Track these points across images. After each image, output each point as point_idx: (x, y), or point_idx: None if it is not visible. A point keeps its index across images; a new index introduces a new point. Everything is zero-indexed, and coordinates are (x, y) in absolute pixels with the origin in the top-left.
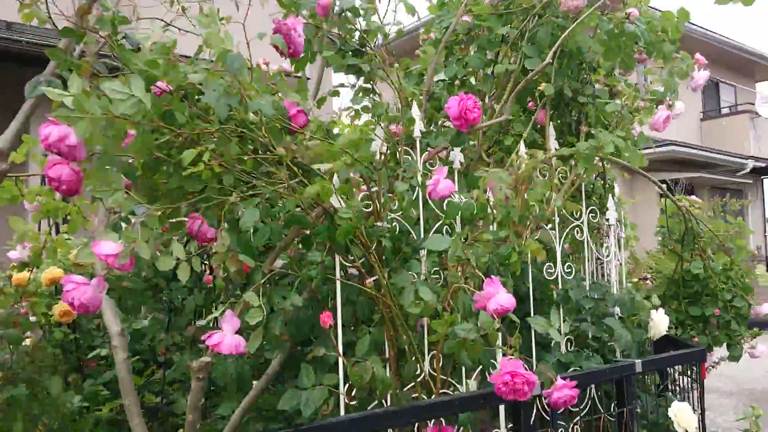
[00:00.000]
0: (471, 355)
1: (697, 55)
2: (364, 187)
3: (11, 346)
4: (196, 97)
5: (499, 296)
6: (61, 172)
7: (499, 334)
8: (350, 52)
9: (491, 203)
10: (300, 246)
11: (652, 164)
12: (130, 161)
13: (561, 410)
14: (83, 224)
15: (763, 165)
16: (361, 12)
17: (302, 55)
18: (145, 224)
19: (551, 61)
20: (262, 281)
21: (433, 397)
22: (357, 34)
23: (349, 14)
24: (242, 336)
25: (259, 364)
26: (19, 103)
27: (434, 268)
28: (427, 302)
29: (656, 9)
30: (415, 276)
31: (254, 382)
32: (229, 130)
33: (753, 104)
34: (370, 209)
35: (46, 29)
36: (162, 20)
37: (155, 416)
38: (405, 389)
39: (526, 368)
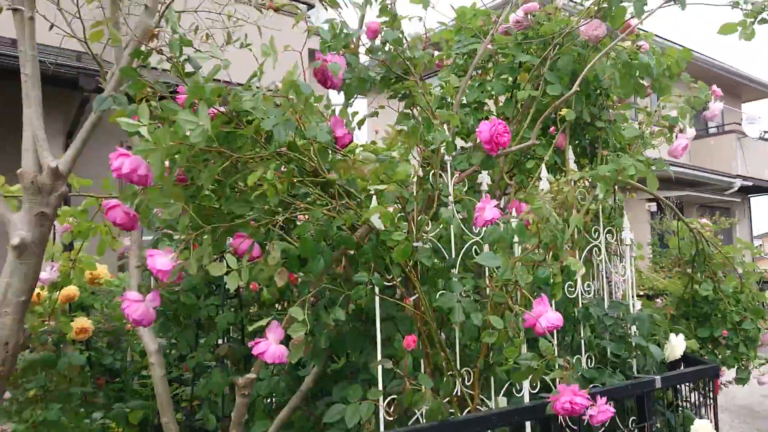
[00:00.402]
0: (533, 380)
1: (714, 87)
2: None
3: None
4: (246, 120)
5: (548, 314)
6: (116, 215)
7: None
8: (393, 79)
9: (532, 227)
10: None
11: (641, 182)
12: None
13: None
14: (112, 245)
15: (750, 184)
16: (405, 43)
17: (347, 84)
18: (199, 242)
19: (578, 89)
20: (307, 296)
21: (467, 412)
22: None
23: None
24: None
25: (292, 381)
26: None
27: (469, 287)
28: (500, 330)
29: (665, 39)
30: (460, 295)
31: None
32: (283, 154)
33: (740, 124)
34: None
35: (52, 47)
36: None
37: None
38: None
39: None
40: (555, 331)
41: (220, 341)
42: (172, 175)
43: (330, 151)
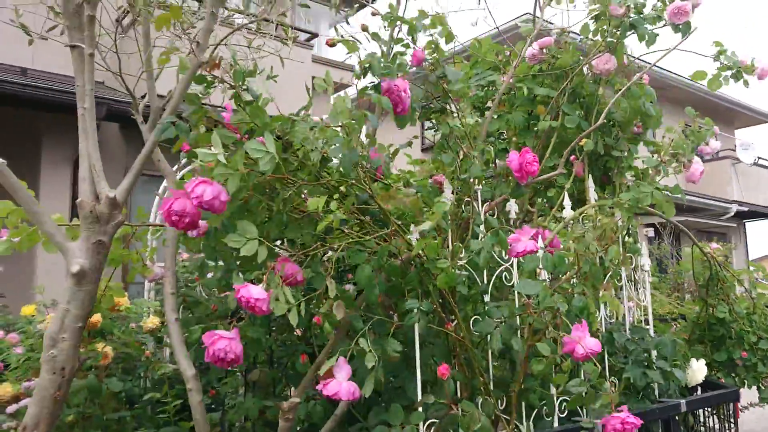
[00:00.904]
0: (585, 405)
1: (714, 126)
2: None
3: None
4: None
5: (587, 340)
6: (185, 205)
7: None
8: (435, 110)
9: (570, 256)
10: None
11: (653, 208)
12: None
13: None
14: (142, 272)
15: (746, 209)
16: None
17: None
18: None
19: (604, 121)
20: (365, 328)
21: None
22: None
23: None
24: None
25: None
26: (31, 144)
27: (507, 314)
28: (548, 358)
29: (660, 68)
30: (500, 321)
31: None
32: (342, 182)
33: (734, 150)
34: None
35: (57, 75)
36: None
37: None
38: None
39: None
40: None
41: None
42: (240, 203)
43: (374, 181)
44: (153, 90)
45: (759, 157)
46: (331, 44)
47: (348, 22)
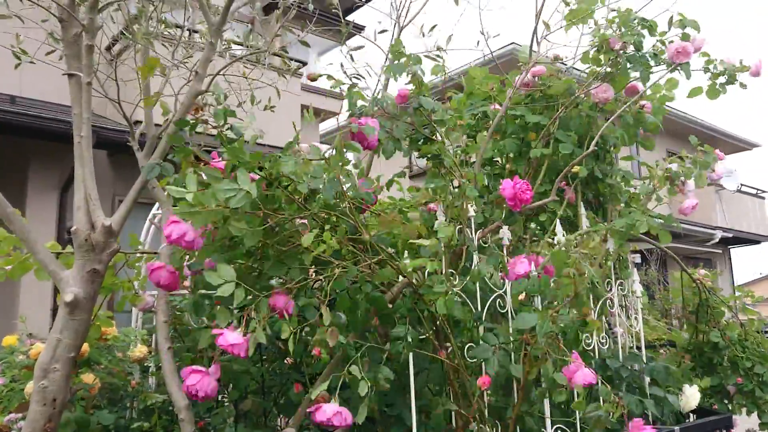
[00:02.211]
0: (601, 427)
1: (717, 151)
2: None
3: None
4: (283, 183)
5: (584, 371)
6: (160, 276)
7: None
8: (422, 140)
9: (564, 280)
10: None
11: (646, 235)
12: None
13: None
14: (133, 301)
15: (730, 235)
16: (434, 108)
17: (383, 144)
18: (257, 309)
19: (596, 148)
20: (357, 356)
21: None
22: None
23: (422, 109)
24: None
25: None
26: (18, 171)
27: (503, 340)
28: (565, 385)
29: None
30: (496, 347)
31: None
32: (326, 214)
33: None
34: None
35: (45, 103)
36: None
37: None
38: None
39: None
40: None
41: None
42: (218, 241)
43: (362, 211)
44: (150, 118)
45: (742, 184)
46: (313, 78)
47: (351, 57)
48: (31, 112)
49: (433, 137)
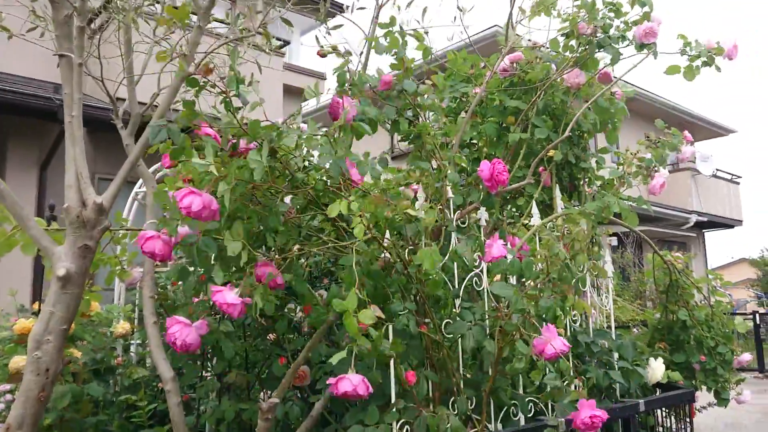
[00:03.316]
0: (555, 399)
1: (686, 133)
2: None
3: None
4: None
5: (555, 341)
6: (154, 246)
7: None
8: (407, 122)
9: (539, 261)
10: None
11: (617, 217)
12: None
13: None
14: (120, 277)
15: (705, 219)
16: (418, 91)
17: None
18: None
19: (570, 134)
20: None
21: None
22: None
23: (406, 92)
24: None
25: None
26: None
27: (479, 316)
28: (526, 355)
29: (625, 81)
30: (472, 323)
31: None
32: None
33: (694, 162)
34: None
35: (26, 78)
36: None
37: None
38: None
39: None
40: None
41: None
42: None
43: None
44: (133, 96)
45: (717, 169)
46: (323, 55)
47: (329, 33)
48: (10, 88)
49: (416, 120)
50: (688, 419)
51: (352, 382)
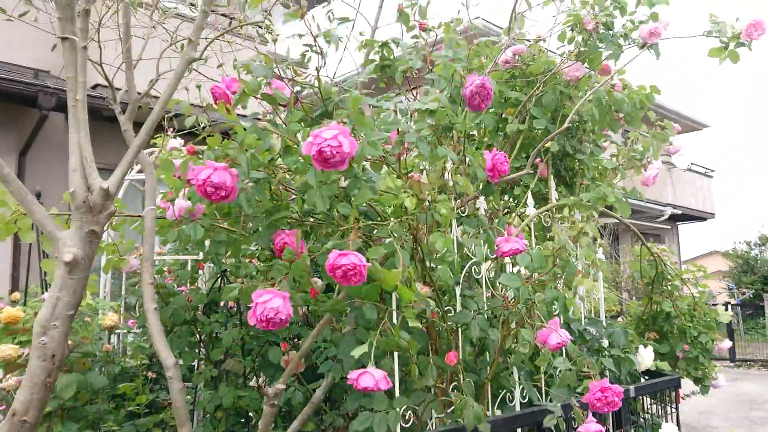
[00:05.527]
0: (565, 384)
1: (674, 124)
2: None
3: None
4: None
5: (560, 331)
6: (224, 178)
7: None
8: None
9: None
10: None
11: (608, 208)
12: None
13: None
14: (118, 264)
15: (679, 212)
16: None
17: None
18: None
19: (569, 125)
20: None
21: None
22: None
23: None
24: None
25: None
26: None
27: (482, 306)
28: (530, 342)
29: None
30: (476, 312)
31: None
32: None
33: (669, 156)
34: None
35: (5, 63)
36: None
37: None
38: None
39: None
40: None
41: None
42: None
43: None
44: (132, 81)
45: (692, 163)
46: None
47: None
48: None
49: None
50: (673, 405)
51: (374, 378)
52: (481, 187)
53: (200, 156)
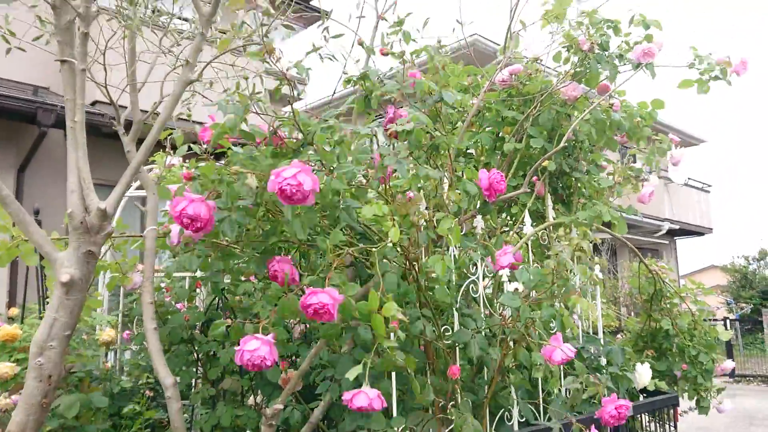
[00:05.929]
0: (574, 403)
1: (672, 136)
2: None
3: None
4: None
5: (563, 347)
6: (200, 210)
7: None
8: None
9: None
10: None
11: (606, 226)
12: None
13: None
14: (122, 282)
15: (677, 227)
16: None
17: None
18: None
19: (565, 144)
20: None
21: None
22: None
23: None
24: None
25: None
26: None
27: (482, 324)
28: (541, 365)
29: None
30: (475, 331)
31: None
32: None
33: (666, 171)
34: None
35: (4, 80)
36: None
37: None
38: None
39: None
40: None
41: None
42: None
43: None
44: (136, 103)
45: (689, 178)
46: (385, 53)
47: (326, 39)
48: None
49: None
50: (672, 423)
51: (368, 397)
52: (478, 205)
53: (198, 179)
